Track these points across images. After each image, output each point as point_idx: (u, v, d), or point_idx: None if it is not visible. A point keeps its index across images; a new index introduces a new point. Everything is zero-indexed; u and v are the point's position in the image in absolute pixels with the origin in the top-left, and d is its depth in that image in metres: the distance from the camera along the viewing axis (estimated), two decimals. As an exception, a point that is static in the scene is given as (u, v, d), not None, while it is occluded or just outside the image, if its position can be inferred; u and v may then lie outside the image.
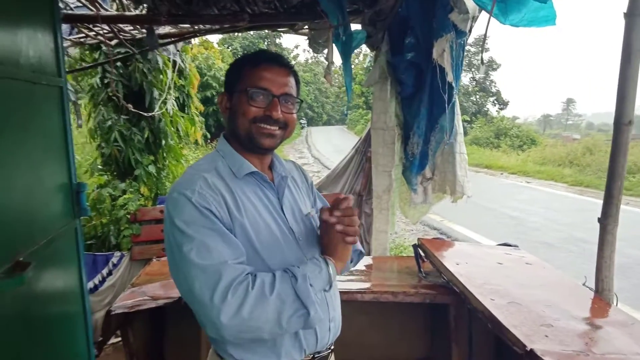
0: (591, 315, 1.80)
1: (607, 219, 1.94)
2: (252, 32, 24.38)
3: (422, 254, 2.44)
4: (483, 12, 2.50)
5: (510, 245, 2.59)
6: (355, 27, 3.61)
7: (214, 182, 1.16)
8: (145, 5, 2.89)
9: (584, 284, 2.12)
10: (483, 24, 2.71)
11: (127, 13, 3.03)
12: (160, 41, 3.35)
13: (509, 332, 1.53)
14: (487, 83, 33.83)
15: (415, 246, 2.47)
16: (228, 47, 22.68)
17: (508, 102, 33.97)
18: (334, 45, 2.54)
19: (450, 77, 2.52)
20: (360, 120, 33.31)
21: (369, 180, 4.38)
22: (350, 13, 3.05)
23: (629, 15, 1.84)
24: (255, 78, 1.20)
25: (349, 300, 2.01)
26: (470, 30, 2.56)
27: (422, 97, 2.53)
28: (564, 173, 14.21)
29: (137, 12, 3.05)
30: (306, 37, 3.74)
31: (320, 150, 22.81)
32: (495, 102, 33.40)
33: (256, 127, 1.20)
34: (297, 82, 1.29)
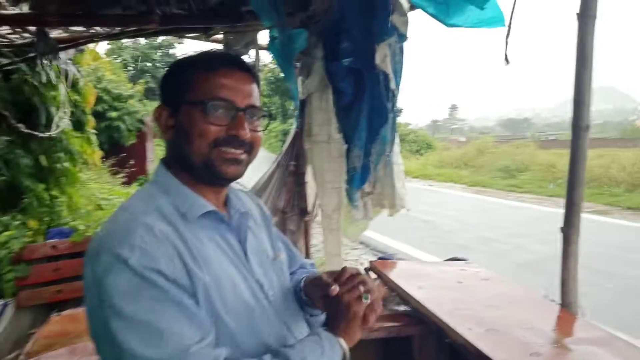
0: (570, 335, 1.70)
1: (570, 228, 1.86)
2: (144, 41, 22.97)
3: (376, 277, 2.22)
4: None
5: (460, 260, 2.47)
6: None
7: (161, 228, 0.82)
8: (26, 3, 2.35)
9: (545, 296, 2.05)
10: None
11: (2, 12, 2.45)
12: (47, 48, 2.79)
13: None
14: (398, 92, 35.22)
15: (367, 270, 2.25)
16: (117, 59, 21.08)
17: (402, 109, 35.78)
18: (265, 50, 2.24)
19: (393, 84, 2.35)
20: (264, 131, 32.94)
21: (293, 196, 4.11)
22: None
23: (582, 17, 1.78)
24: (213, 86, 0.88)
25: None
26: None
27: (362, 106, 2.33)
28: (462, 174, 15.13)
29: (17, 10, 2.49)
30: (221, 44, 3.39)
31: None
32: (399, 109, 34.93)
33: (217, 152, 0.88)
34: (260, 90, 0.99)
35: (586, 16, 1.77)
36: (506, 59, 1.82)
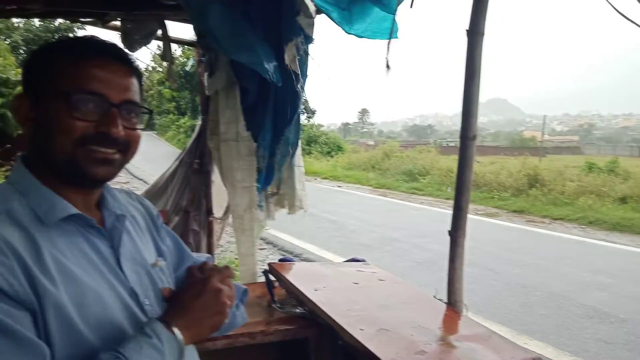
0: (454, 332, 1.80)
1: (457, 231, 1.98)
2: (38, 23, 20.96)
3: (274, 279, 2.19)
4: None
5: (358, 261, 2.52)
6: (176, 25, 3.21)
7: (3, 234, 0.72)
8: None
9: (434, 296, 2.16)
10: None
11: None
12: None
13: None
14: (303, 93, 35.45)
15: (266, 272, 2.22)
16: (5, 40, 19.01)
17: (315, 111, 36.33)
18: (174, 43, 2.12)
19: (299, 86, 2.35)
20: (172, 126, 31.64)
21: (197, 195, 3.98)
22: (171, 8, 2.66)
23: (470, 33, 1.89)
24: (83, 77, 0.79)
25: (200, 351, 1.65)
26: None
27: (267, 106, 2.30)
28: (369, 177, 15.66)
29: None
30: (118, 33, 3.17)
31: (127, 158, 20.88)
32: (304, 110, 35.39)
33: (84, 151, 0.79)
34: (141, 85, 0.91)
35: (474, 33, 1.89)
36: (387, 66, 1.88)
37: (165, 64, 2.18)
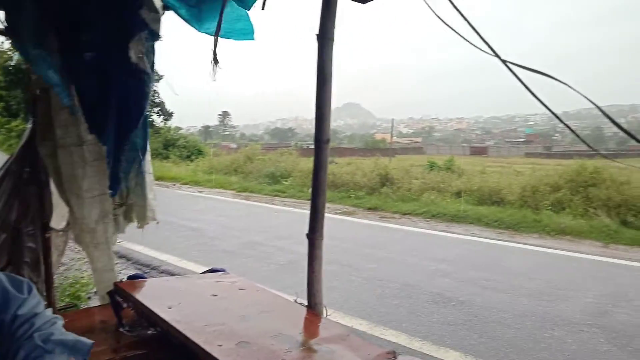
0: (314, 336, 1.80)
1: (315, 233, 1.99)
2: None
3: (122, 300, 1.98)
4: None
5: (218, 271, 2.41)
6: None
7: None
8: None
9: (295, 301, 2.15)
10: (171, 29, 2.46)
11: None
12: None
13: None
14: (151, 93, 33.45)
15: (111, 293, 1.99)
16: None
17: (172, 113, 34.64)
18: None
19: (146, 85, 2.15)
20: (1, 130, 27.49)
21: (30, 208, 3.47)
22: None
23: (321, 38, 1.92)
24: None
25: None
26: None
27: (109, 107, 2.06)
28: (231, 181, 15.41)
29: None
30: None
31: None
32: (160, 112, 33.51)
33: None
34: None
35: (325, 38, 1.92)
36: (215, 60, 1.82)
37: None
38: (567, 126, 1.55)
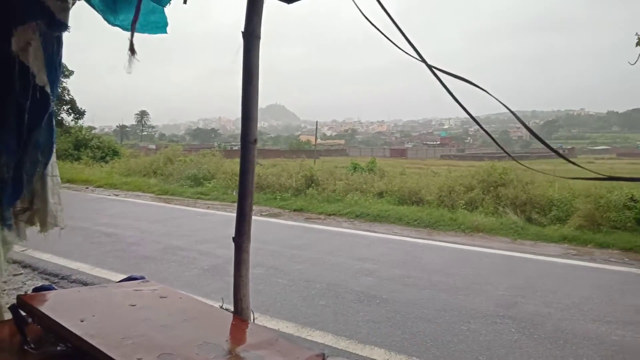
0: (242, 343, 1.74)
1: (242, 236, 1.93)
2: None
3: (26, 315, 1.79)
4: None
5: (136, 279, 2.26)
6: None
7: None
8: None
9: (221, 307, 2.07)
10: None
11: None
12: None
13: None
14: (60, 90, 31.18)
15: (14, 308, 1.80)
16: None
17: (84, 111, 32.45)
18: None
19: (42, 80, 1.97)
20: None
21: None
22: None
23: (246, 36, 1.87)
24: None
25: None
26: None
27: (9, 103, 1.86)
28: (150, 183, 14.72)
29: None
30: None
31: None
32: (70, 110, 31.27)
33: None
34: None
35: (251, 36, 1.87)
36: (132, 50, 1.73)
37: None
38: (485, 131, 1.63)
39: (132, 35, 1.67)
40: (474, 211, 9.75)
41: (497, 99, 1.37)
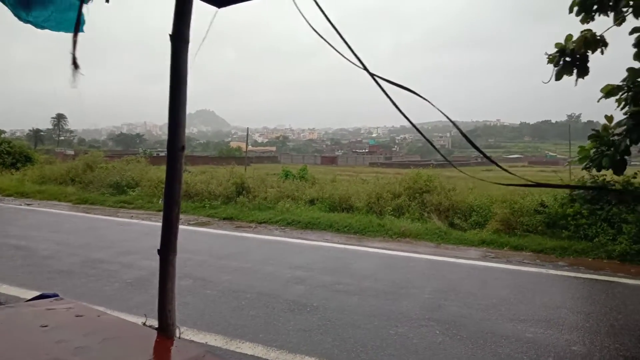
0: (166, 361, 1.65)
1: (167, 249, 1.84)
2: None
3: None
4: None
5: (49, 296, 2.09)
6: None
7: None
8: None
9: (144, 324, 1.96)
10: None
11: None
12: None
13: None
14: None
15: None
16: None
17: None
18: None
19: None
20: None
21: None
22: None
23: (174, 39, 1.80)
24: None
25: None
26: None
27: None
28: (68, 191, 13.81)
29: None
30: None
31: None
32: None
33: None
34: None
35: (179, 40, 1.81)
36: (75, 64, 1.63)
37: None
38: (428, 140, 1.68)
39: (74, 48, 1.55)
40: (401, 217, 10.08)
41: (438, 109, 1.42)
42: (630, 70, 6.33)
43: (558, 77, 6.34)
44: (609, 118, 6.70)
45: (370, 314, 4.65)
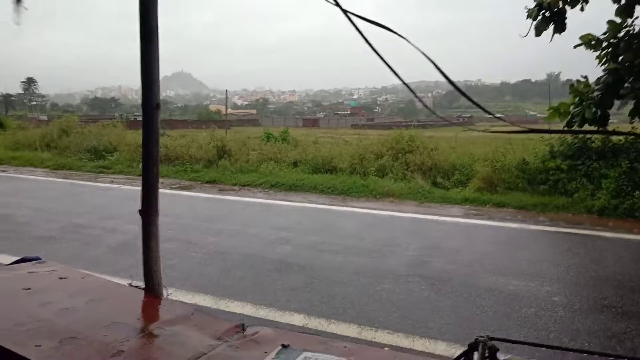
0: (155, 320, 1.63)
1: (149, 209, 1.79)
2: None
3: None
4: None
5: (31, 260, 2.03)
6: None
7: None
8: None
9: (130, 284, 1.93)
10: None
11: None
12: None
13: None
14: None
15: None
16: None
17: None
18: None
19: None
20: None
21: None
22: None
23: (145, -12, 1.68)
24: None
25: None
26: None
27: None
28: (43, 157, 13.47)
29: None
30: None
31: None
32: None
33: None
34: None
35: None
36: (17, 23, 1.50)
37: None
38: (418, 97, 1.62)
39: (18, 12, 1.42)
40: (384, 177, 10.12)
41: (425, 55, 1.34)
42: (611, 23, 6.29)
43: (537, 32, 6.28)
44: (586, 79, 6.75)
45: (356, 271, 4.71)
